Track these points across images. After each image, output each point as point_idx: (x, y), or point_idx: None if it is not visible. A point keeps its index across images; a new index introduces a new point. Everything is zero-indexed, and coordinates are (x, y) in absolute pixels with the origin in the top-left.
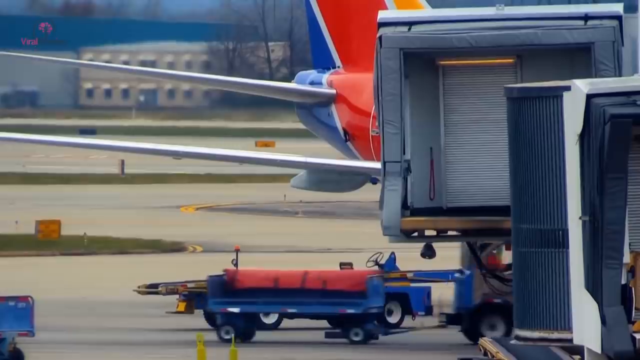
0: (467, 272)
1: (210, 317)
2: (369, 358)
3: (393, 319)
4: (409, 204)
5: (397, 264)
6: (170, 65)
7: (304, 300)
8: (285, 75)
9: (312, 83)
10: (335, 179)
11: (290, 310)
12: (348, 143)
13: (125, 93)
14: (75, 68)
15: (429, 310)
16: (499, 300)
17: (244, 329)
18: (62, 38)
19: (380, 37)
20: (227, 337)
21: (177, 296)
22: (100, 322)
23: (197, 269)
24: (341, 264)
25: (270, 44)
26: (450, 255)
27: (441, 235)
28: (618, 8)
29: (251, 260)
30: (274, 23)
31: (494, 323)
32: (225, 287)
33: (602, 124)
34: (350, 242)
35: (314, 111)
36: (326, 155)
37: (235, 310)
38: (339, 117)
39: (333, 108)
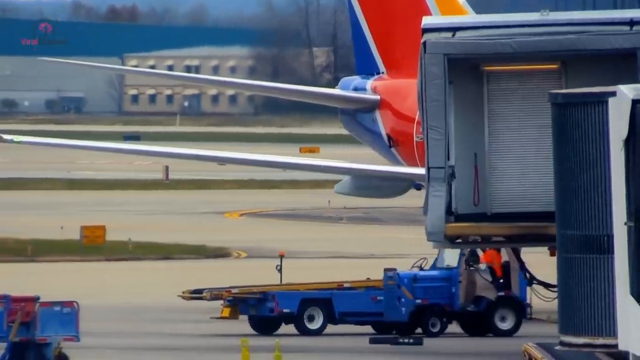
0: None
1: (255, 323)
2: None
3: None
4: (453, 210)
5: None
6: (215, 71)
7: None
8: (329, 81)
9: (355, 89)
10: (379, 184)
11: None
12: (392, 149)
13: (170, 99)
14: (120, 74)
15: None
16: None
17: None
18: (102, 44)
19: (424, 43)
20: None
21: (221, 302)
22: (144, 327)
23: (242, 274)
24: (385, 270)
25: (314, 49)
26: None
27: (485, 241)
28: None
29: (295, 266)
30: (318, 28)
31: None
32: None
33: None
34: (394, 248)
35: (357, 117)
36: (370, 161)
37: None
38: (383, 123)
39: (377, 114)
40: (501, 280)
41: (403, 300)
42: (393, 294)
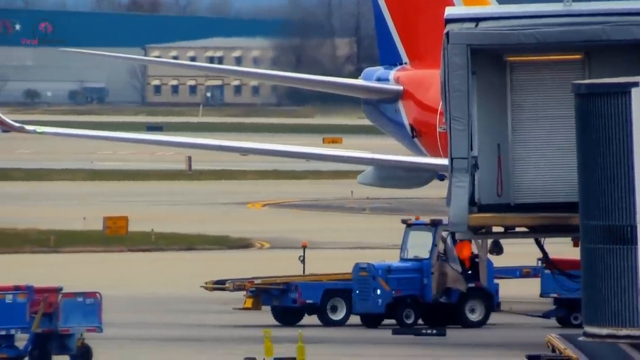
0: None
1: (278, 314)
2: (435, 354)
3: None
4: (476, 201)
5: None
6: (237, 62)
7: None
8: (351, 72)
9: (379, 79)
10: (402, 175)
11: None
12: (415, 139)
13: (192, 89)
14: (143, 65)
15: (497, 306)
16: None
17: None
18: (125, 35)
19: (447, 34)
20: None
21: (244, 292)
22: (166, 318)
23: (264, 265)
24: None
25: (336, 40)
26: (518, 251)
27: (508, 232)
28: None
29: (318, 256)
30: (341, 19)
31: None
32: None
33: None
34: None
35: (380, 107)
36: (393, 151)
37: None
38: (406, 113)
39: (400, 104)
40: (469, 272)
41: (379, 291)
42: (367, 285)
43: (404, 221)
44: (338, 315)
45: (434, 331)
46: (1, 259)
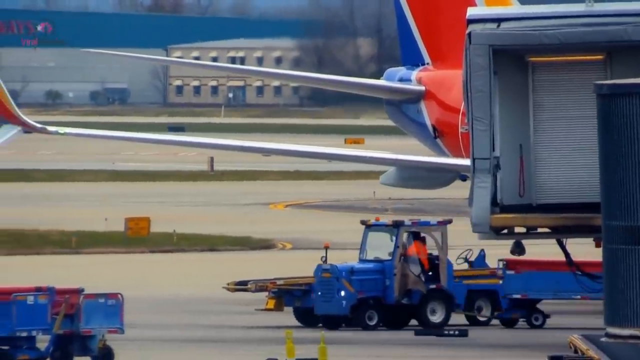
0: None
1: (300, 315)
2: (457, 355)
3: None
4: (498, 201)
5: (487, 260)
6: (259, 62)
7: None
8: (373, 72)
9: (401, 80)
10: (425, 175)
11: None
12: (437, 140)
13: (214, 90)
14: (164, 65)
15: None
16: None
17: None
18: (147, 35)
19: (469, 34)
20: None
21: (266, 293)
22: (189, 319)
23: (286, 266)
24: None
25: (358, 40)
26: (540, 252)
27: (531, 233)
28: None
29: (340, 257)
30: (363, 19)
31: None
32: None
33: None
34: None
35: (403, 108)
36: (415, 152)
37: None
38: (428, 113)
39: (422, 105)
40: (430, 273)
41: (344, 293)
42: (331, 287)
43: (363, 222)
44: None
45: (457, 332)
46: (23, 260)
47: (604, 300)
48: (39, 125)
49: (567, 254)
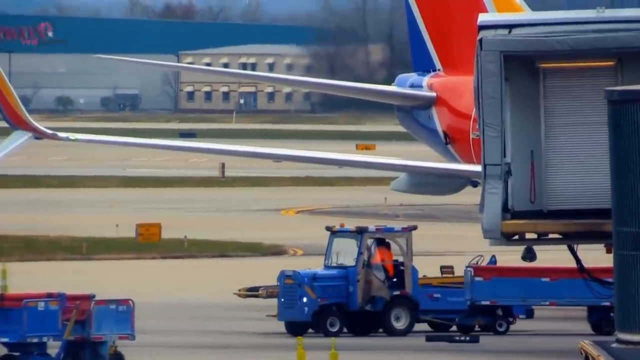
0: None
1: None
2: None
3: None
4: (509, 207)
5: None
6: (271, 68)
7: None
8: (384, 78)
9: (412, 86)
10: (436, 181)
11: None
12: (448, 146)
13: (226, 96)
14: (176, 71)
15: (529, 314)
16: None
17: None
18: (158, 41)
19: (480, 40)
20: None
21: (277, 299)
22: (200, 325)
23: None
24: (442, 267)
25: (370, 46)
26: (551, 257)
27: (542, 238)
28: None
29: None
30: (374, 26)
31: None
32: None
33: None
34: (450, 245)
35: (414, 114)
36: (426, 158)
37: None
38: (439, 119)
39: (433, 111)
40: (394, 280)
41: (306, 299)
42: (293, 293)
43: (328, 228)
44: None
45: (468, 338)
46: (33, 266)
47: (615, 306)
48: (49, 132)
49: (578, 260)
